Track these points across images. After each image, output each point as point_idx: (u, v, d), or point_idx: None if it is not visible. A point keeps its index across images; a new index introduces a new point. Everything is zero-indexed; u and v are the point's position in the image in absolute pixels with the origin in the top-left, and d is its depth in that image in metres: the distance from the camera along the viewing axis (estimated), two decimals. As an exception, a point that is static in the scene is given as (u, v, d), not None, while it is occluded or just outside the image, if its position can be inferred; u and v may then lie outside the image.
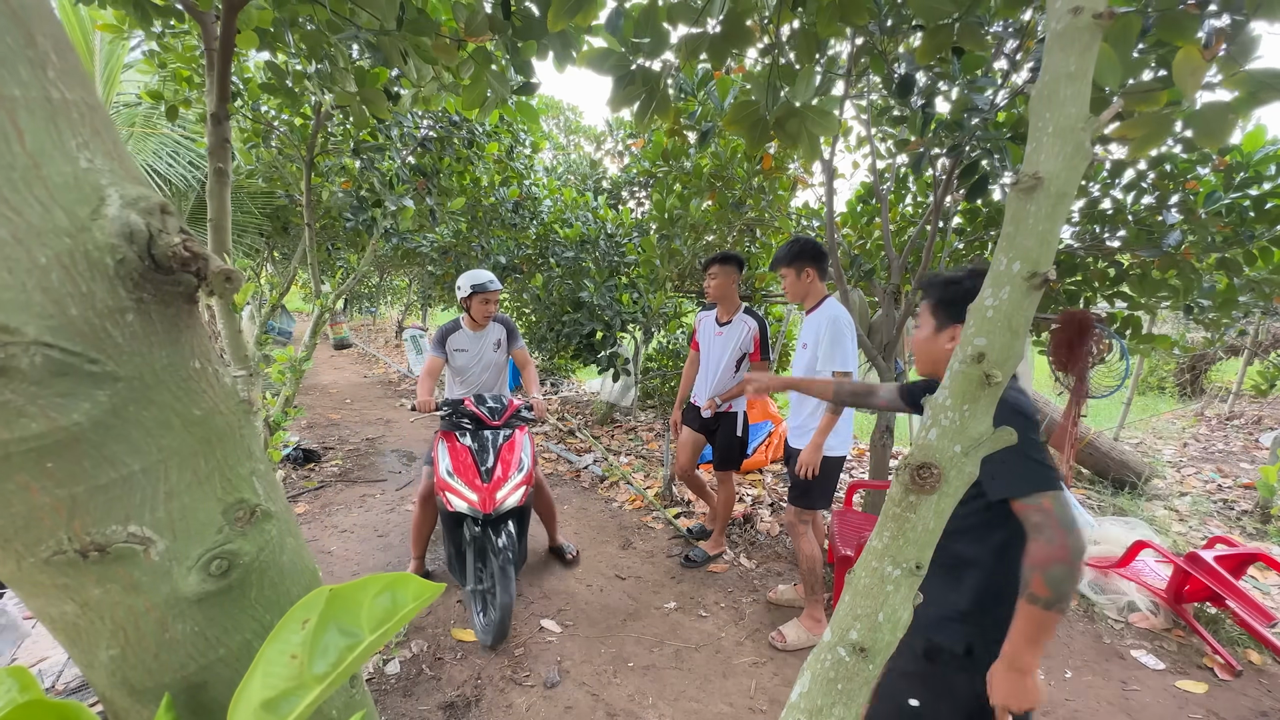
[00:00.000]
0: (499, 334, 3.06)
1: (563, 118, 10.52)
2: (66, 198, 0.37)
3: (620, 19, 1.52)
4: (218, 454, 0.51)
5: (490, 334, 3.02)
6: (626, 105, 1.62)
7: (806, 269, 2.57)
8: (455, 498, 2.46)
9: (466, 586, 2.63)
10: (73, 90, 0.38)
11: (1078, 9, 0.54)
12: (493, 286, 2.84)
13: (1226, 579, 2.54)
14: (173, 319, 0.45)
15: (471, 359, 2.98)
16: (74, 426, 0.40)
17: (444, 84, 2.46)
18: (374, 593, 0.48)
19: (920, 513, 0.80)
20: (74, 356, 0.38)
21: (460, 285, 2.88)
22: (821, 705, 0.86)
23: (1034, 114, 0.61)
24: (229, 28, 2.17)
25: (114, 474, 0.44)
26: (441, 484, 2.51)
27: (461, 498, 2.44)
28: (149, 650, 0.51)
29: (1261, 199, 2.59)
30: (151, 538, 0.47)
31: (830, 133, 1.48)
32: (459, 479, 2.48)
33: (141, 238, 0.39)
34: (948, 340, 1.36)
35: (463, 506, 2.44)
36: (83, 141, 0.39)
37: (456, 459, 2.55)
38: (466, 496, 2.44)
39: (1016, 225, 0.63)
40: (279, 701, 0.46)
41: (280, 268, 8.96)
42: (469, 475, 2.49)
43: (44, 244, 0.36)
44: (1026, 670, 1.15)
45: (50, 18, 0.38)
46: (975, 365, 0.70)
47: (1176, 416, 7.53)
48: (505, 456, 2.59)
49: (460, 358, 2.97)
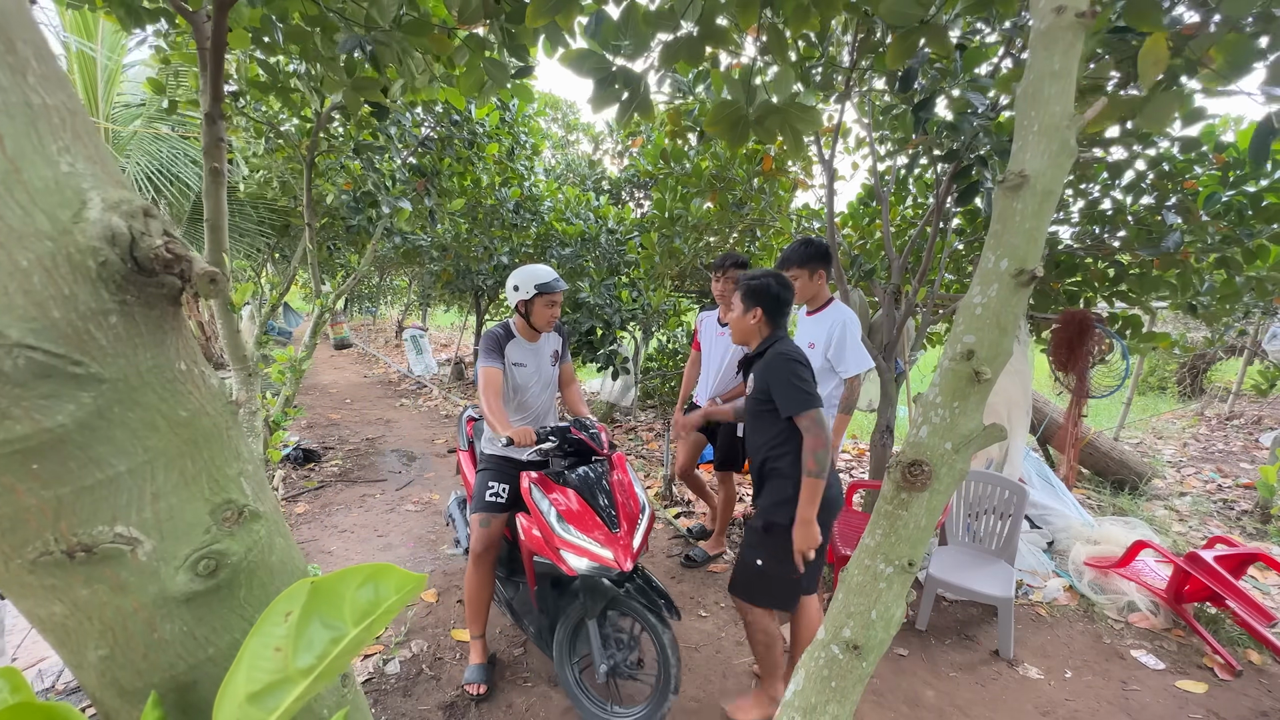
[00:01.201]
0: (555, 344, 2.51)
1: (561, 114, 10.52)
2: (48, 201, 0.38)
3: (600, 22, 1.53)
4: (205, 455, 0.51)
5: (547, 344, 2.47)
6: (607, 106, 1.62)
7: (819, 271, 2.57)
8: (577, 557, 1.89)
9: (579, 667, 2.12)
10: (53, 95, 0.38)
11: (1061, 8, 0.54)
12: (559, 286, 2.30)
13: (1226, 579, 2.53)
14: (157, 321, 0.45)
15: (530, 375, 2.40)
16: (59, 428, 0.41)
17: (435, 75, 2.46)
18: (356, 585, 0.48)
19: (912, 510, 0.81)
20: (57, 359, 0.39)
21: (518, 284, 2.30)
22: (816, 703, 0.87)
23: (1019, 113, 0.61)
24: (220, 26, 2.17)
25: (100, 475, 0.44)
26: (556, 541, 1.92)
27: (589, 556, 1.88)
28: (138, 650, 0.51)
29: (1258, 196, 2.58)
30: (138, 538, 0.47)
31: (814, 128, 1.48)
32: (579, 532, 1.92)
33: (124, 240, 0.39)
34: (751, 319, 1.98)
35: (585, 566, 1.88)
36: (64, 146, 0.39)
37: (568, 507, 2.00)
38: (598, 554, 1.87)
39: (1004, 223, 0.63)
40: (264, 695, 0.46)
41: (280, 268, 8.98)
42: (590, 525, 1.94)
43: (25, 247, 0.37)
44: (809, 521, 1.81)
45: (30, 25, 0.38)
46: (964, 362, 0.70)
47: (1176, 416, 7.51)
48: (623, 493, 2.09)
49: (519, 374, 2.38)
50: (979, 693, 2.35)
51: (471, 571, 2.28)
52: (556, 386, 2.55)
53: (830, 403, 2.53)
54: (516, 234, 6.12)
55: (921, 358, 5.43)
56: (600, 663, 2.00)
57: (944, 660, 2.54)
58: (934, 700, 2.29)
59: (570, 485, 2.06)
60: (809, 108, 1.36)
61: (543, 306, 2.31)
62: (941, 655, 2.58)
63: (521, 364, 2.38)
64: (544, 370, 2.45)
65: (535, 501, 2.03)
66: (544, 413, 2.48)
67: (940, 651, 2.60)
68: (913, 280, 3.37)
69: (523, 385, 2.40)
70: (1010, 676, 2.45)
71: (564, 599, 2.15)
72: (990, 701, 2.30)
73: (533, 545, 2.07)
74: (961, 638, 2.71)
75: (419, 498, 4.21)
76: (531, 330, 2.38)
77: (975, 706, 2.27)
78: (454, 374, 9.18)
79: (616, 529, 1.95)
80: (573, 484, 2.06)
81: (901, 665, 2.50)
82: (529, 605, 2.32)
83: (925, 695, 2.32)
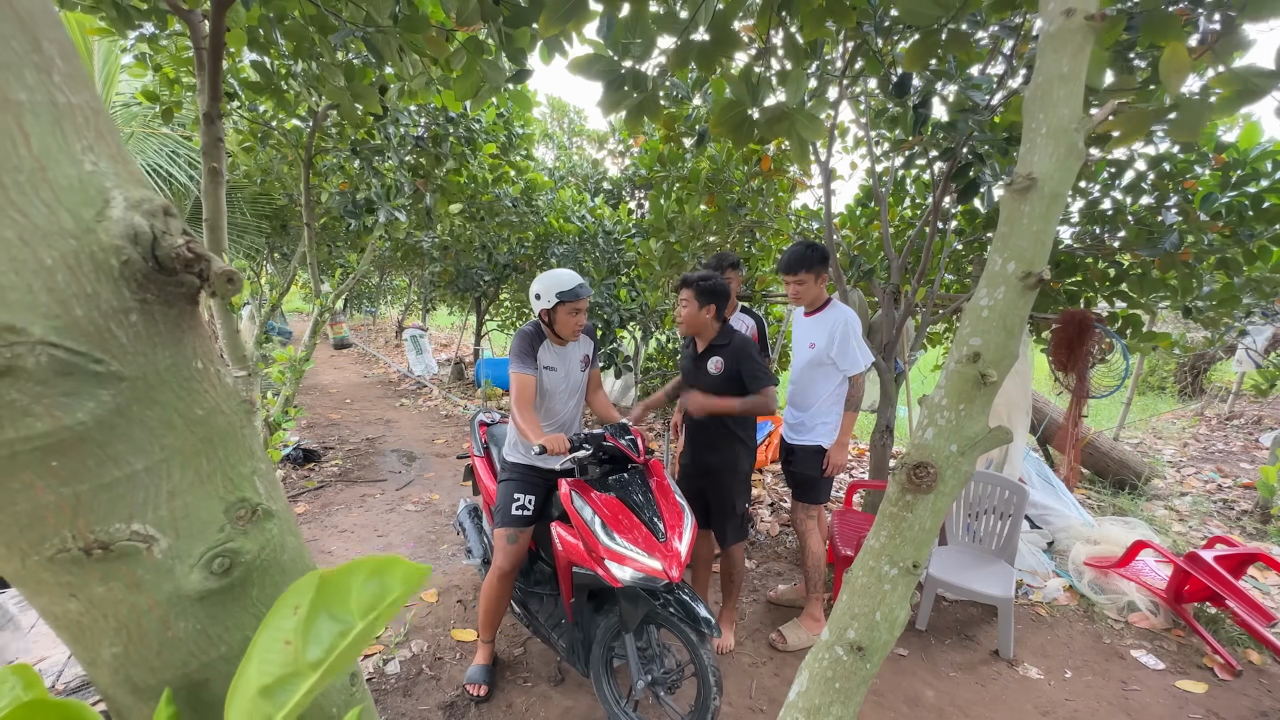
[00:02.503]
0: (586, 348, 2.41)
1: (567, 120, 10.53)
2: (72, 200, 0.38)
3: (611, 26, 1.53)
4: (220, 453, 0.51)
5: (577, 348, 2.37)
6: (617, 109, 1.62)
7: (822, 274, 2.58)
8: (623, 567, 1.81)
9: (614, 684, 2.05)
10: (77, 94, 0.39)
11: (1070, 11, 0.54)
12: (584, 292, 2.18)
13: (1226, 579, 2.54)
14: (175, 319, 0.45)
15: (559, 381, 2.31)
16: (78, 426, 0.41)
17: (432, 77, 2.46)
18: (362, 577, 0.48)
19: (917, 512, 0.81)
20: (79, 356, 0.39)
21: (539, 293, 2.18)
22: (819, 704, 0.87)
23: (1028, 115, 0.61)
24: (218, 26, 2.17)
25: (117, 473, 0.44)
26: (602, 551, 1.84)
27: (635, 566, 1.80)
28: (151, 648, 0.52)
29: (1259, 197, 2.59)
30: (154, 536, 0.48)
31: (818, 137, 1.49)
32: (627, 542, 1.84)
33: (145, 239, 0.40)
34: (706, 314, 2.34)
35: (630, 577, 1.80)
36: (87, 145, 0.39)
37: (613, 514, 1.91)
38: (645, 565, 1.80)
39: (1011, 225, 0.64)
40: (276, 689, 0.46)
41: (280, 268, 8.97)
42: (635, 534, 1.87)
43: (50, 245, 0.37)
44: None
45: (56, 23, 0.39)
46: (971, 365, 0.70)
47: (1176, 416, 7.53)
48: (666, 501, 2.02)
49: (549, 379, 2.28)
50: (979, 693, 2.35)
51: (493, 585, 2.21)
52: (584, 392, 2.45)
53: (835, 401, 2.54)
54: (516, 232, 6.12)
55: (921, 358, 5.44)
56: (638, 678, 1.92)
57: (944, 660, 2.55)
58: (934, 700, 2.30)
59: (613, 494, 1.97)
60: (815, 116, 1.36)
61: (566, 315, 2.19)
62: (941, 655, 2.58)
63: (552, 368, 2.29)
64: (573, 375, 2.35)
65: (577, 509, 1.93)
66: (571, 419, 2.39)
67: (940, 651, 2.61)
68: (912, 280, 3.37)
69: (551, 391, 2.30)
70: (1010, 676, 2.46)
71: (600, 612, 2.07)
72: (990, 701, 2.30)
73: (572, 555, 1.97)
74: (961, 638, 2.71)
75: (419, 498, 4.21)
76: (558, 337, 2.28)
77: (975, 706, 2.27)
78: (454, 374, 9.17)
79: (662, 538, 1.88)
80: (616, 493, 1.97)
81: (901, 665, 2.51)
82: (559, 619, 2.25)
83: (925, 695, 2.33)
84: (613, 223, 5.73)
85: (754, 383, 2.28)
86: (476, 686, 2.25)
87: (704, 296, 2.32)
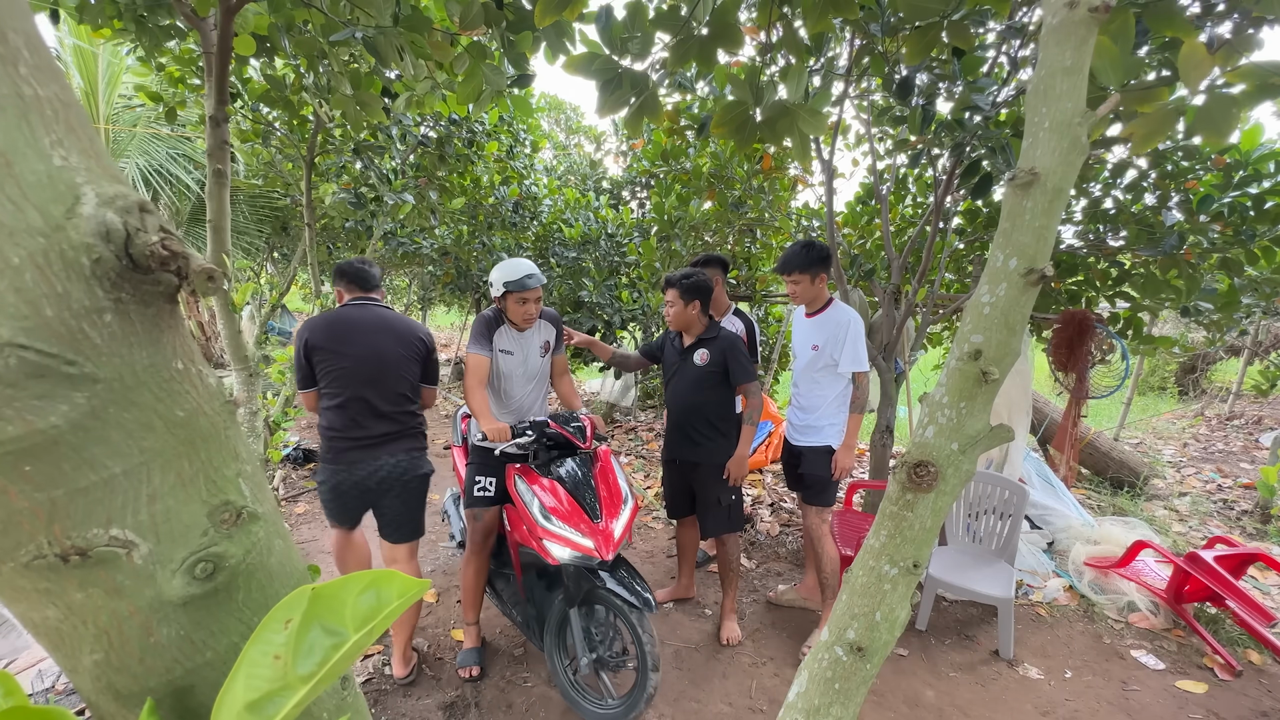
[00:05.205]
0: (548, 334, 2.43)
1: (564, 117, 10.50)
2: (40, 196, 0.37)
3: (610, 17, 1.51)
4: (202, 456, 0.50)
5: (537, 334, 2.39)
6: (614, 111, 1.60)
7: (821, 274, 2.57)
8: (560, 546, 1.94)
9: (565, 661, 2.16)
10: (45, 86, 0.37)
11: (1073, 3, 0.53)
12: (532, 284, 2.21)
13: (1226, 579, 2.53)
14: (153, 319, 0.44)
15: (516, 365, 2.35)
16: (52, 429, 0.40)
17: (438, 82, 2.45)
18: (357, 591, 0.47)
19: (918, 511, 0.80)
20: (50, 358, 0.38)
21: (492, 281, 2.25)
22: (819, 705, 0.86)
23: (1030, 109, 0.60)
24: (226, 32, 2.18)
25: (94, 477, 0.43)
26: (539, 532, 1.98)
27: (571, 545, 1.93)
28: (133, 654, 0.50)
29: (1261, 198, 2.58)
30: (134, 541, 0.46)
31: (820, 133, 1.48)
32: (562, 523, 1.97)
33: (118, 236, 0.38)
34: (692, 310, 2.46)
35: (568, 556, 1.93)
36: (56, 139, 0.38)
37: (551, 498, 2.04)
38: (578, 544, 1.92)
39: (1013, 221, 0.63)
40: (263, 703, 0.45)
41: (280, 268, 8.96)
42: (573, 516, 1.99)
43: (17, 244, 0.36)
44: (745, 456, 2.49)
45: (23, 14, 0.37)
46: (972, 362, 0.69)
47: (1177, 416, 7.52)
48: (606, 485, 2.13)
49: (505, 362, 2.33)
50: (979, 693, 2.34)
51: (468, 562, 2.34)
52: (547, 379, 2.49)
53: (842, 402, 2.53)
54: (515, 234, 6.11)
55: (921, 358, 5.43)
56: (582, 655, 2.05)
57: (944, 660, 2.54)
58: (934, 700, 2.29)
59: (554, 478, 2.11)
60: (817, 112, 1.34)
61: (515, 304, 2.24)
62: (941, 655, 2.57)
63: (508, 351, 2.33)
64: (531, 360, 2.38)
65: (519, 493, 2.10)
66: (529, 405, 2.43)
67: (940, 652, 2.60)
68: (913, 280, 3.36)
69: (508, 374, 2.35)
70: (1010, 676, 2.45)
71: (552, 590, 2.22)
72: (990, 701, 2.29)
73: (518, 536, 2.16)
74: (961, 638, 2.70)
75: (418, 497, 4.20)
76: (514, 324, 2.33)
77: (975, 707, 2.26)
78: (454, 374, 9.17)
79: (598, 520, 2.00)
80: (557, 477, 2.11)
81: (901, 665, 2.50)
82: (517, 596, 2.40)
83: (925, 695, 2.32)
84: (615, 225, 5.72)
85: (742, 375, 2.46)
86: (469, 669, 2.31)
87: (688, 294, 2.45)
